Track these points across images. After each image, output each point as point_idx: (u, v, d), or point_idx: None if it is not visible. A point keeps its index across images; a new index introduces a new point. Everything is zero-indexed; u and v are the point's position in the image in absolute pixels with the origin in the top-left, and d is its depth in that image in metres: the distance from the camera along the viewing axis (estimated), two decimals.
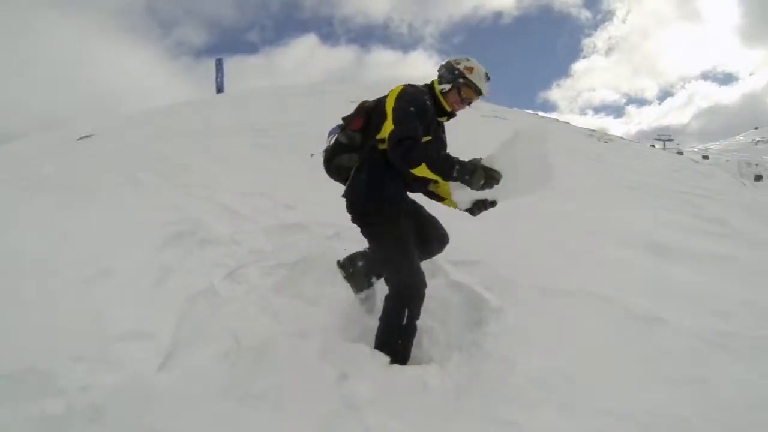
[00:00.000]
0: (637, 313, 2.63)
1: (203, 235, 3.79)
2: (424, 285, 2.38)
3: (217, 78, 18.38)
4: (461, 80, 2.42)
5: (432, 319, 2.72)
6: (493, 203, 2.44)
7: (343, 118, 2.66)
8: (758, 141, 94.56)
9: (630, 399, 2.07)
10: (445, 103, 2.45)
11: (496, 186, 2.22)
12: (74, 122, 11.82)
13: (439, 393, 2.15)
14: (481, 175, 2.16)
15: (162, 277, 3.22)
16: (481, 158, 2.28)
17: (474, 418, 2.01)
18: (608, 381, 2.19)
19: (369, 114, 2.48)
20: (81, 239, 3.77)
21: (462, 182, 2.20)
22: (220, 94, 16.98)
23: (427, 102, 2.38)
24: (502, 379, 2.22)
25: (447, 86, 2.43)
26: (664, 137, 53.40)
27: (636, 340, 2.47)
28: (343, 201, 2.64)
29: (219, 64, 18.52)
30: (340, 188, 2.69)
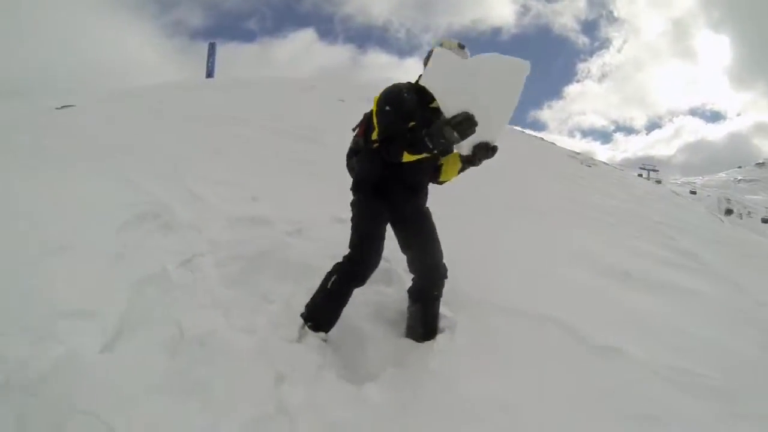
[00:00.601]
0: (593, 343, 2.60)
1: (166, 219, 3.82)
2: (366, 258, 2.50)
3: (208, 63, 18.22)
4: None
5: (383, 328, 2.78)
6: (491, 148, 2.35)
7: (353, 128, 2.83)
8: (740, 180, 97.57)
9: None
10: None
11: (476, 126, 2.15)
12: (58, 91, 11.62)
13: (375, 408, 2.17)
14: (449, 131, 2.14)
15: (117, 258, 3.23)
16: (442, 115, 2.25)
17: None
18: (552, 413, 2.14)
19: (368, 120, 2.62)
20: (42, 212, 3.75)
21: (444, 147, 2.24)
22: (209, 79, 16.85)
23: (404, 93, 2.46)
24: (441, 400, 2.21)
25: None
26: (648, 167, 54.59)
27: (588, 369, 2.43)
28: (305, 196, 2.78)
29: (212, 49, 18.37)
30: (308, 183, 2.79)
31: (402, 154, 2.33)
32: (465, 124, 2.11)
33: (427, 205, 2.76)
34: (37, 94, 11.24)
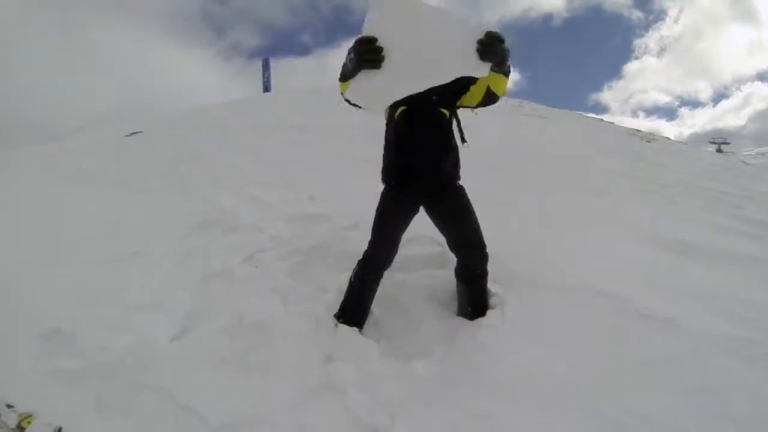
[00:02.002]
0: (644, 313, 2.54)
1: (228, 223, 4.12)
2: (380, 255, 2.59)
3: (264, 77, 19.14)
4: None
5: (436, 309, 2.82)
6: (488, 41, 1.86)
7: None
8: None
9: (621, 405, 1.97)
10: None
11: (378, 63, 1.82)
12: (126, 119, 12.72)
13: (424, 382, 2.23)
14: (353, 60, 1.87)
15: (185, 259, 3.57)
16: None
17: (453, 408, 2.05)
18: (601, 383, 2.10)
19: None
20: (116, 224, 4.20)
21: (357, 69, 1.88)
22: (267, 93, 17.68)
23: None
24: (490, 372, 2.23)
25: None
26: (718, 140, 49.84)
27: (642, 341, 2.36)
28: (362, 192, 2.87)
29: (266, 64, 19.29)
30: (365, 180, 2.90)
31: (342, 82, 2.06)
32: (366, 54, 1.83)
33: (460, 183, 2.64)
34: (107, 124, 12.37)
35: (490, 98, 2.36)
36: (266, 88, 19.02)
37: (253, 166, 6.10)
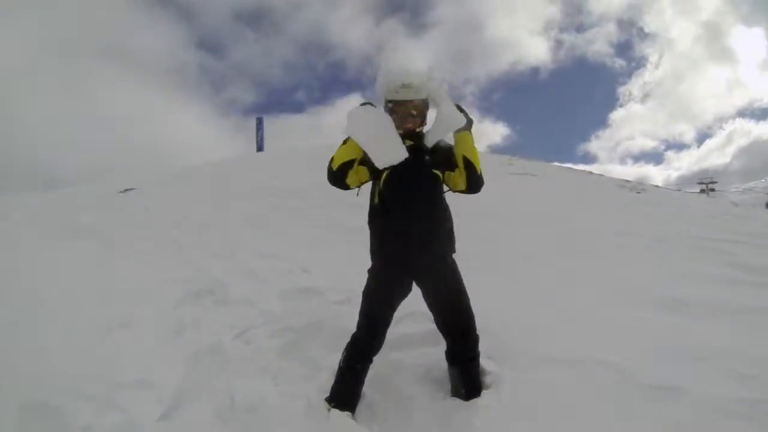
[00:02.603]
0: (649, 383, 2.51)
1: (220, 295, 4.18)
2: (368, 339, 2.58)
3: (257, 137, 19.52)
4: (388, 105, 2.54)
5: (430, 389, 2.82)
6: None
7: None
8: None
9: None
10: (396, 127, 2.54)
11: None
12: (121, 174, 12.90)
13: None
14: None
15: (175, 332, 3.60)
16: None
17: None
18: None
19: None
20: (107, 288, 4.24)
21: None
22: (260, 153, 18.02)
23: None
24: None
25: (383, 107, 2.60)
26: (706, 180, 51.63)
27: (646, 412, 2.35)
28: (356, 265, 2.92)
29: (259, 123, 19.71)
30: (357, 252, 2.97)
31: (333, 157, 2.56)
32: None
33: (454, 257, 2.66)
34: (102, 179, 12.51)
35: (472, 175, 2.48)
36: (260, 148, 19.37)
37: (246, 234, 6.21)
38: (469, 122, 2.48)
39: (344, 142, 2.50)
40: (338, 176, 2.54)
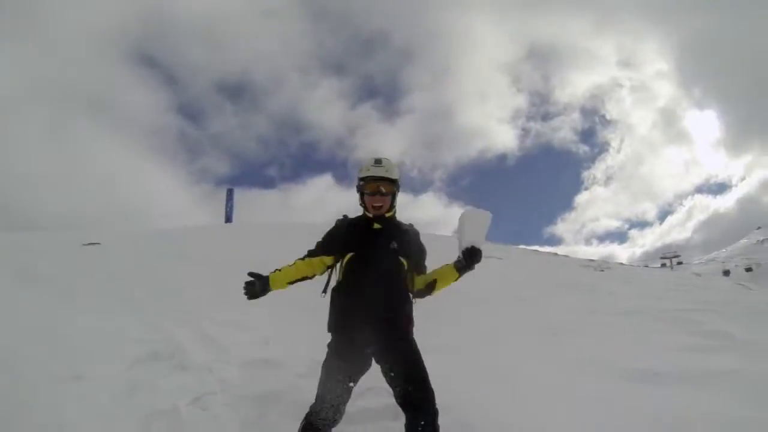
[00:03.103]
0: None
1: (179, 359, 4.11)
2: (325, 412, 2.55)
3: (226, 207, 19.66)
4: (360, 183, 2.76)
5: None
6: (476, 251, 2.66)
7: None
8: (764, 240, 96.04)
9: None
10: (366, 210, 2.79)
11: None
12: (87, 226, 12.69)
13: None
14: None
15: (129, 392, 3.48)
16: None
17: None
18: None
19: None
20: (61, 340, 4.11)
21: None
22: (228, 223, 18.05)
23: (336, 225, 2.85)
24: None
25: (359, 196, 2.83)
26: (669, 254, 54.75)
27: None
28: (316, 339, 2.98)
29: (229, 195, 19.97)
30: (319, 326, 3.06)
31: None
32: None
33: (413, 336, 2.74)
34: (66, 229, 12.23)
35: (427, 289, 2.74)
36: (228, 218, 19.46)
37: (208, 301, 6.15)
38: (468, 266, 2.70)
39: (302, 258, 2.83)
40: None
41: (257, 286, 2.78)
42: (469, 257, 2.61)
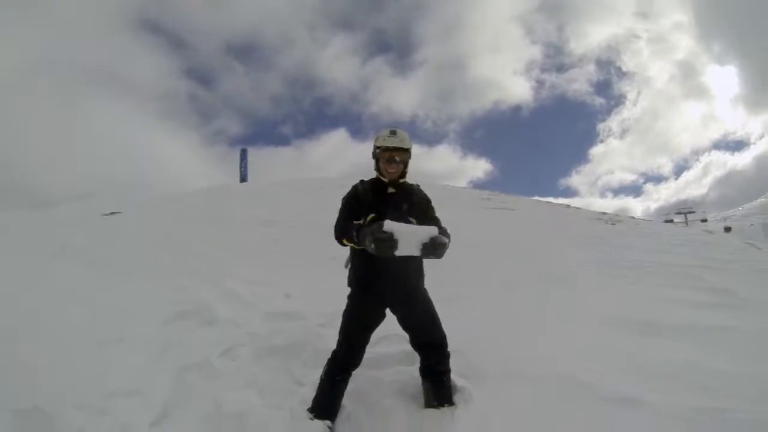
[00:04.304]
0: (613, 396, 2.72)
1: (207, 316, 4.39)
2: (347, 355, 2.90)
3: (240, 167, 19.85)
4: (376, 151, 2.98)
5: (405, 403, 3.04)
6: (436, 245, 2.63)
7: None
8: None
9: None
10: (381, 176, 2.99)
11: (396, 246, 2.54)
12: (106, 197, 13.00)
13: None
14: (370, 239, 2.55)
15: (163, 349, 3.77)
16: (381, 223, 2.60)
17: None
18: None
19: None
20: (96, 307, 4.39)
21: (366, 245, 2.62)
22: (243, 183, 18.28)
23: (356, 190, 3.01)
24: None
25: (374, 162, 3.04)
26: (684, 210, 55.27)
27: (607, 422, 2.55)
28: (335, 291, 3.23)
29: (243, 155, 20.12)
30: (336, 278, 3.26)
31: (342, 241, 2.87)
32: (383, 244, 2.52)
33: (425, 286, 3.02)
34: (85, 201, 12.57)
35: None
36: (243, 178, 19.69)
37: (230, 260, 6.43)
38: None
39: (350, 239, 2.81)
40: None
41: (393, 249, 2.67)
42: (429, 251, 2.66)
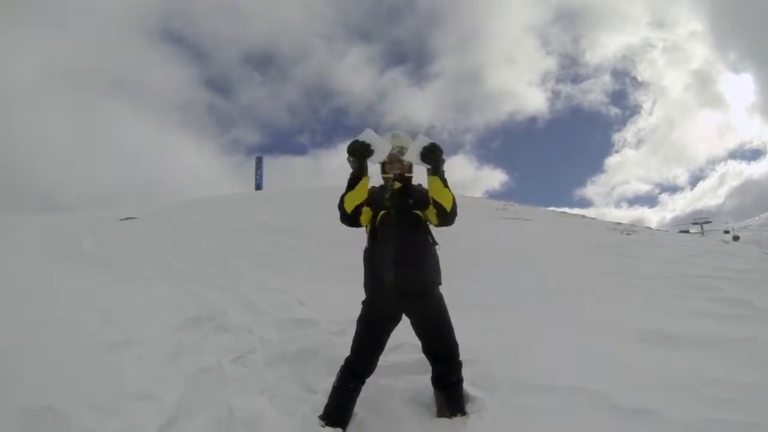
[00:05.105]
0: (626, 407, 2.68)
1: (220, 321, 4.38)
2: (361, 362, 2.84)
3: (256, 176, 20.02)
4: None
5: (418, 411, 2.97)
6: (430, 148, 2.75)
7: None
8: None
9: None
10: (386, 173, 2.99)
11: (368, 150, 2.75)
12: (122, 203, 13.20)
13: None
14: (353, 161, 2.77)
15: (176, 353, 3.77)
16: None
17: None
18: None
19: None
20: (109, 310, 4.42)
21: (356, 169, 2.79)
22: (259, 192, 18.41)
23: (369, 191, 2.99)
24: None
25: (380, 166, 3.02)
26: (700, 220, 54.08)
27: None
28: (349, 300, 3.19)
29: (259, 163, 20.30)
30: (350, 287, 3.22)
31: (344, 201, 2.85)
32: (356, 150, 2.74)
33: (440, 291, 2.96)
34: (102, 206, 12.76)
35: (441, 212, 2.82)
36: (258, 186, 19.83)
37: (244, 267, 6.45)
38: (435, 168, 2.81)
39: (350, 187, 2.84)
40: (353, 216, 2.90)
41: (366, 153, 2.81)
42: (428, 155, 2.74)
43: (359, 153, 2.74)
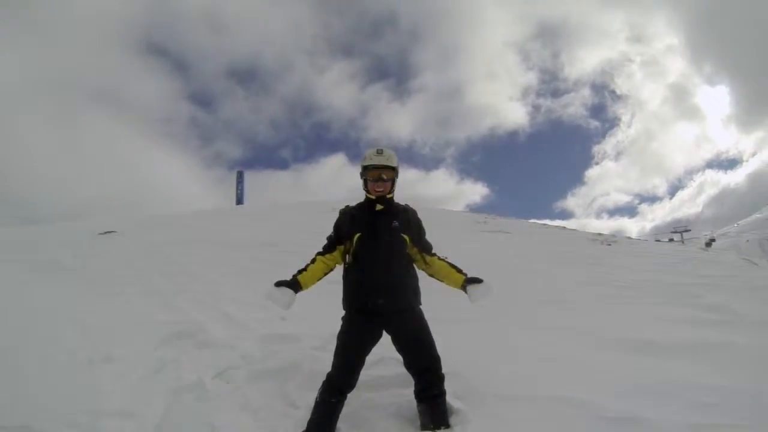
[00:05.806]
0: (609, 415, 2.69)
1: (201, 337, 4.35)
2: (342, 377, 2.87)
3: (237, 190, 19.91)
4: (362, 171, 3.02)
5: (401, 426, 2.98)
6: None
7: None
8: None
9: None
10: (369, 194, 3.03)
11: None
12: (101, 216, 13.00)
13: None
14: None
15: (156, 370, 3.74)
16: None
17: None
18: None
19: None
20: (87, 326, 4.37)
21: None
22: (239, 206, 18.31)
23: (342, 214, 3.12)
24: None
25: (362, 182, 3.08)
26: (680, 229, 56.32)
27: None
28: (330, 314, 3.22)
29: (240, 177, 20.22)
30: (333, 302, 3.25)
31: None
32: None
33: (421, 307, 3.03)
34: (81, 219, 12.56)
35: (425, 271, 3.07)
36: (239, 200, 19.72)
37: (224, 282, 6.41)
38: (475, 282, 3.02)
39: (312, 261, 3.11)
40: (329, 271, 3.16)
41: (288, 296, 2.98)
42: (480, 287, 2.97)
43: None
